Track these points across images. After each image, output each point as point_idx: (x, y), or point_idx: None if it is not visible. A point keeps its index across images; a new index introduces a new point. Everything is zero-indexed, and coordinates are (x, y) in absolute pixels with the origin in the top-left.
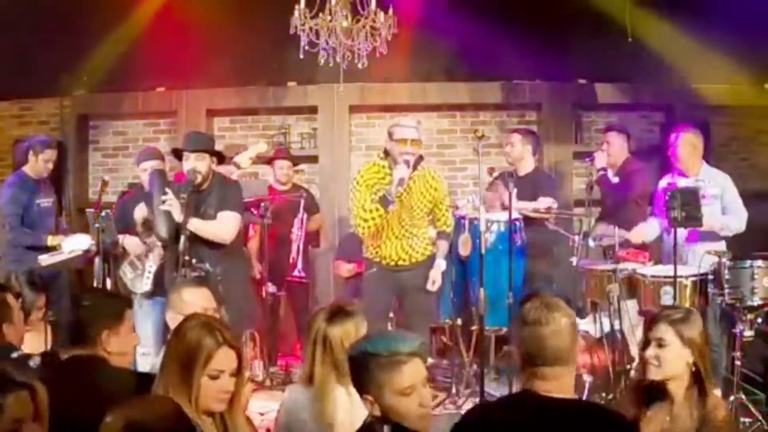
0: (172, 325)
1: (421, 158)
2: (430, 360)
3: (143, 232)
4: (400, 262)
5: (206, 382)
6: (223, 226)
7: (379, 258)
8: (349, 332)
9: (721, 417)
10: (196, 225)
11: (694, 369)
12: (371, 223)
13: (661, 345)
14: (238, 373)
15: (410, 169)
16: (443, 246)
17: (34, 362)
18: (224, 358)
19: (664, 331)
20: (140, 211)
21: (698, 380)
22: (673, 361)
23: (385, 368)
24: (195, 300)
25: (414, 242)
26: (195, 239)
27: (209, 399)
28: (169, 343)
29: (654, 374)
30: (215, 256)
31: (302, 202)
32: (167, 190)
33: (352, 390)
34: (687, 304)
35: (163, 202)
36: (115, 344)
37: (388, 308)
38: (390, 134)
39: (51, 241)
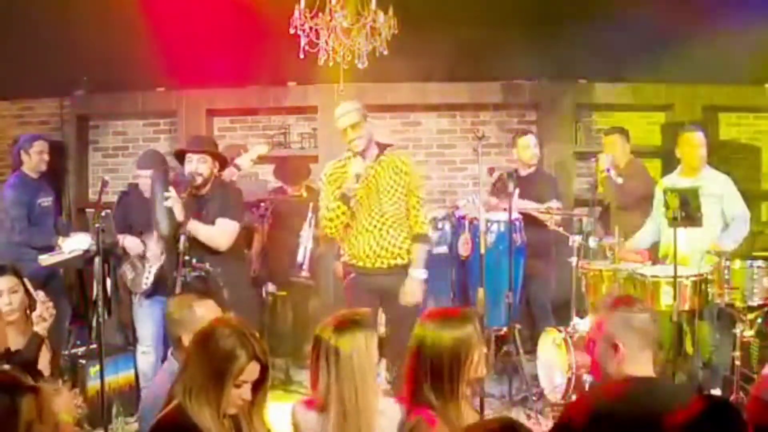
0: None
1: (386, 146)
2: None
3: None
4: (377, 265)
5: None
6: (220, 233)
7: (355, 260)
8: (359, 343)
9: None
10: (194, 226)
11: None
12: (336, 222)
13: None
14: (261, 383)
15: (367, 160)
16: (420, 252)
17: None
18: (252, 371)
19: None
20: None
21: None
22: None
23: None
24: (207, 313)
25: (389, 238)
26: (195, 240)
27: (227, 404)
28: (197, 348)
29: None
30: (215, 256)
31: (311, 204)
32: (170, 188)
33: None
34: (687, 305)
35: (166, 198)
36: None
37: (374, 313)
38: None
39: (60, 240)
